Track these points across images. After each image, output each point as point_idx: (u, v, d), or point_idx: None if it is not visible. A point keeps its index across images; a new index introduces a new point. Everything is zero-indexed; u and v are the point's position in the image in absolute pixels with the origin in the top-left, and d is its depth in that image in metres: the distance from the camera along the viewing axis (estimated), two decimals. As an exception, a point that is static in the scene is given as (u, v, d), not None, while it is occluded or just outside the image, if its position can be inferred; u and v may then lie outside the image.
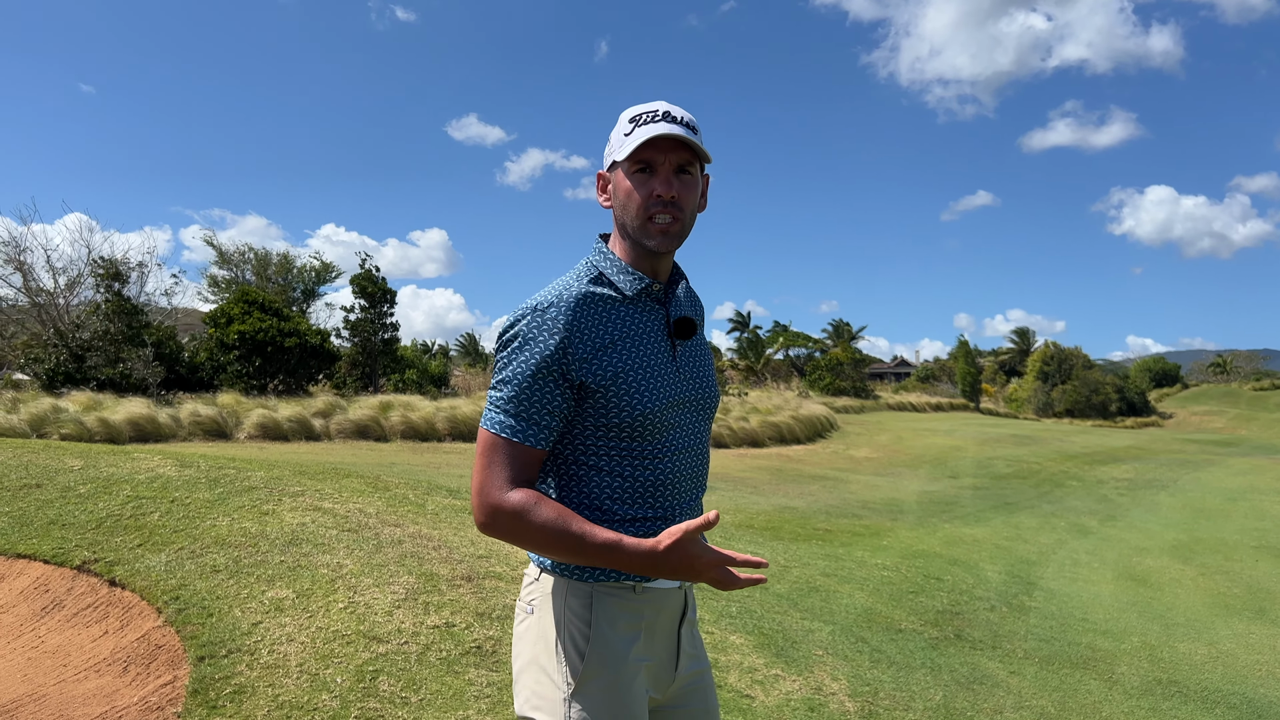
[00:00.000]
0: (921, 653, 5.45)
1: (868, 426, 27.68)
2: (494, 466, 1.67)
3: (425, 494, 7.73)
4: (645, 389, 1.74)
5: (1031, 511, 13.37)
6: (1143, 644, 6.46)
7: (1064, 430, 34.19)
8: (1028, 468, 19.31)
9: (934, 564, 8.46)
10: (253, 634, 4.11)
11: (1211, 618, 7.56)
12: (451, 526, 6.44)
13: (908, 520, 11.65)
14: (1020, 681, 5.21)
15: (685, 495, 1.83)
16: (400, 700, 3.58)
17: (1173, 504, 14.89)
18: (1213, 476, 18.76)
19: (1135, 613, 7.42)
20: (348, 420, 18.26)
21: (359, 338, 27.83)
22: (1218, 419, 58.30)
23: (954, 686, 4.90)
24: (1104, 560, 9.80)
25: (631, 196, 1.74)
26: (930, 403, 41.26)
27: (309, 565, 4.98)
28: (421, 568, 5.15)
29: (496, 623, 4.49)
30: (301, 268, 34.67)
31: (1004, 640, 6.07)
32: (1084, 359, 63.68)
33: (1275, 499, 15.56)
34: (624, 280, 1.78)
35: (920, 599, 6.86)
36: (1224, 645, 6.68)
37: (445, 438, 19.44)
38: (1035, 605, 7.23)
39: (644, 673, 1.77)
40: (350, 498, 6.81)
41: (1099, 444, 25.94)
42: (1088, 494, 15.85)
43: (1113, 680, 5.52)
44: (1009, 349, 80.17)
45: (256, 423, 16.60)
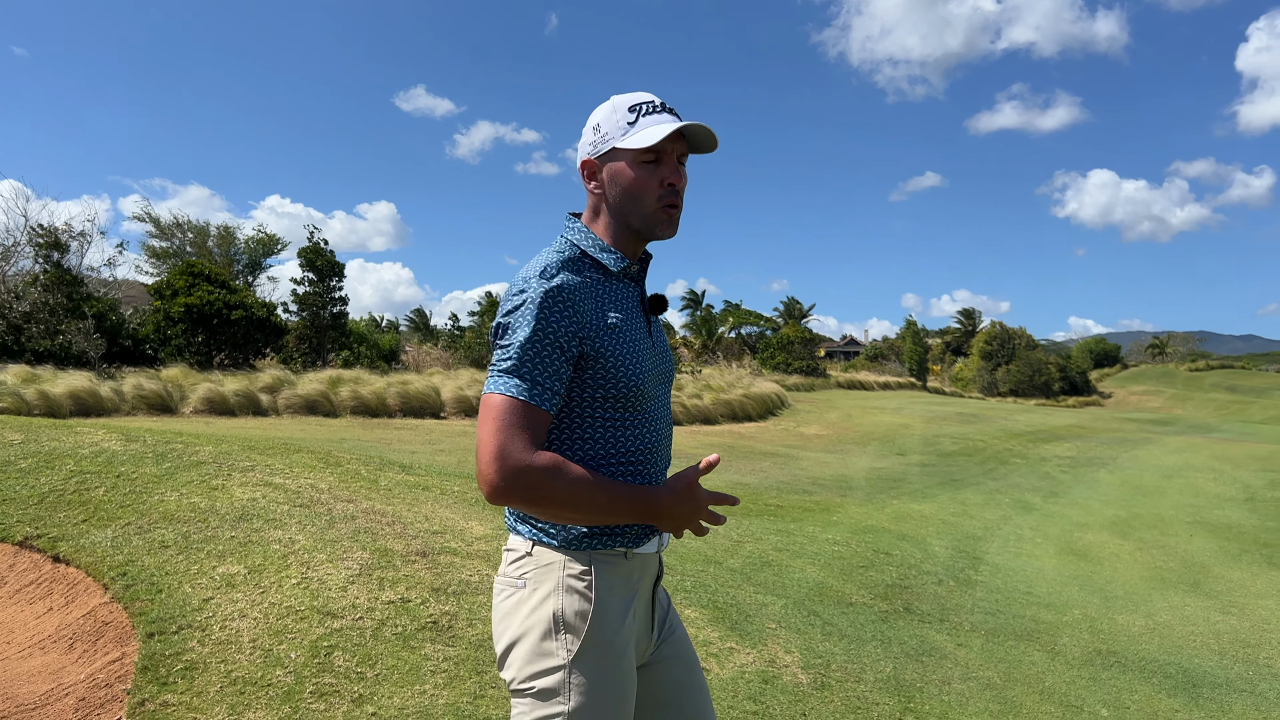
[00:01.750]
0: (872, 626, 5.55)
1: (818, 404, 27.96)
2: (513, 429, 1.66)
3: (378, 470, 7.67)
4: (633, 361, 1.82)
5: (977, 488, 13.63)
6: (1083, 616, 6.64)
7: (1008, 409, 34.84)
8: (973, 445, 19.65)
9: (883, 539, 8.60)
10: (204, 610, 4.06)
11: (1148, 591, 7.79)
12: (405, 502, 6.40)
13: (857, 496, 11.82)
14: (967, 653, 5.33)
15: (663, 463, 1.93)
16: (356, 675, 3.57)
17: (1112, 481, 15.28)
18: (1150, 455, 19.26)
19: (1076, 586, 7.62)
20: (296, 395, 18.01)
21: (307, 312, 27.42)
22: (1155, 399, 59.83)
23: (903, 658, 5.00)
24: (1046, 535, 10.04)
25: (644, 185, 1.81)
26: (879, 381, 41.77)
27: (260, 541, 4.92)
28: (375, 543, 5.12)
29: (452, 598, 4.48)
30: (246, 240, 33.99)
31: (951, 613, 6.20)
32: (1028, 339, 64.90)
33: (1209, 476, 16.03)
34: (607, 258, 1.85)
35: (870, 573, 6.98)
36: (1160, 617, 6.89)
37: (396, 413, 19.28)
38: (981, 579, 7.39)
39: (630, 636, 1.82)
40: (301, 473, 6.73)
41: (1042, 422, 26.47)
42: (1031, 471, 16.19)
43: (1055, 651, 5.67)
44: (955, 329, 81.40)
45: (202, 397, 16.31)
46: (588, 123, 1.90)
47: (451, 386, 21.27)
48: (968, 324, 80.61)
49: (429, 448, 13.27)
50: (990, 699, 4.62)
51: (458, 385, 21.57)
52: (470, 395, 20.65)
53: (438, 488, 7.36)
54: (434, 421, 18.97)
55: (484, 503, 7.08)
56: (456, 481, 7.98)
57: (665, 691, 1.95)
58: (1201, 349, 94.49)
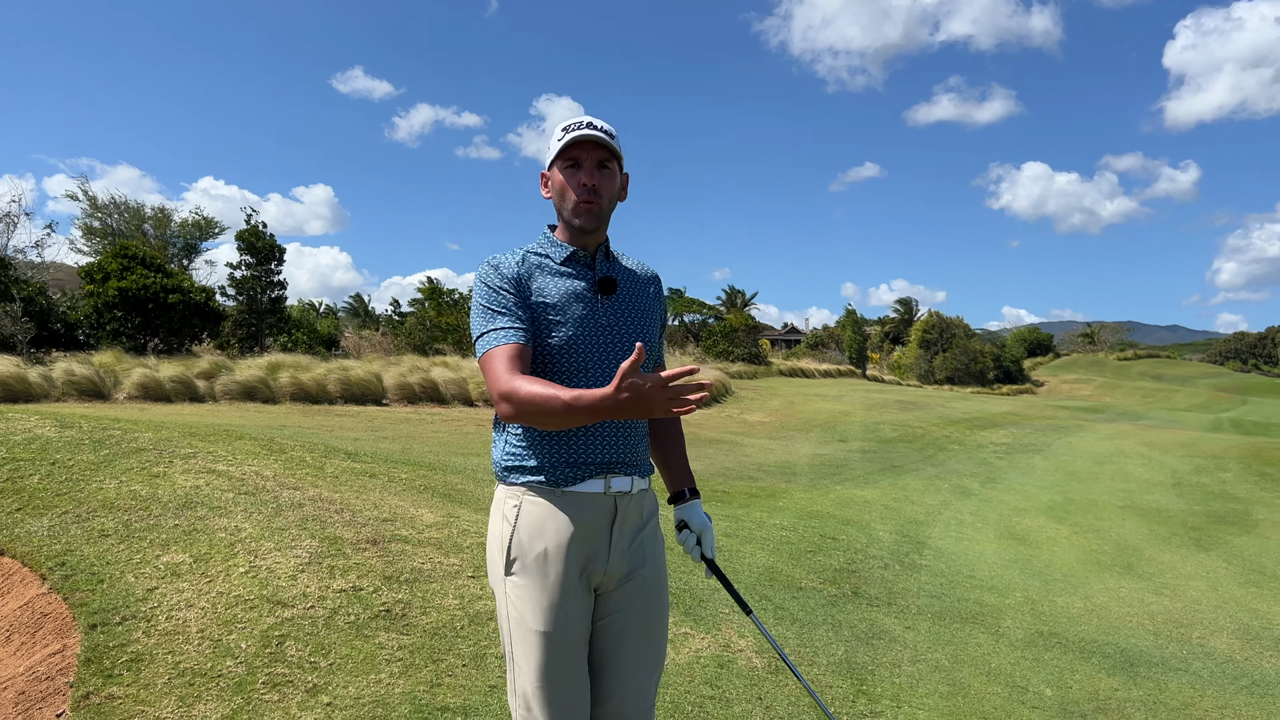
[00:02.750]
0: (822, 610, 5.62)
1: (761, 392, 28.19)
2: (497, 368, 2.08)
3: (323, 457, 7.55)
4: (567, 326, 2.19)
5: (917, 474, 13.87)
6: (1025, 599, 6.80)
7: (945, 396, 35.50)
8: (912, 432, 19.97)
9: (829, 524, 8.70)
10: (148, 600, 3.96)
11: (1085, 573, 8.00)
12: (353, 490, 6.31)
13: (801, 482, 11.94)
14: (915, 636, 5.42)
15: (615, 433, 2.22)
16: (309, 665, 3.50)
17: (1047, 467, 15.65)
18: (1082, 441, 19.76)
19: (1017, 569, 7.80)
20: (234, 381, 17.65)
21: (245, 296, 26.86)
22: (1086, 387, 61.45)
23: (854, 642, 5.07)
24: (986, 520, 10.25)
25: (565, 186, 2.23)
26: (820, 369, 42.25)
27: (205, 529, 4.81)
28: (324, 531, 5.03)
29: (405, 586, 4.43)
30: (182, 222, 33.15)
31: (898, 597, 6.30)
32: (964, 328, 66.12)
33: (1138, 462, 16.50)
34: (554, 251, 2.28)
35: (818, 558, 7.06)
36: (1097, 599, 7.08)
37: (337, 400, 18.99)
38: (925, 563, 7.52)
39: (569, 561, 2.13)
40: (245, 460, 6.59)
41: (978, 410, 27.00)
42: (969, 457, 16.51)
43: (999, 633, 5.80)
44: (893, 318, 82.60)
45: (137, 383, 15.89)
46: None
47: (394, 373, 21.01)
48: (905, 313, 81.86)
49: (373, 435, 13.11)
50: (939, 680, 4.70)
51: (400, 372, 21.32)
52: (413, 382, 20.42)
53: (385, 475, 7.27)
54: (376, 408, 18.73)
55: (433, 490, 7.01)
56: (404, 469, 7.88)
57: (604, 631, 2.23)
58: (1130, 339, 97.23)
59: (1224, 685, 5.39)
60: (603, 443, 2.20)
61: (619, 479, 2.22)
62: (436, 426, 16.11)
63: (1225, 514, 11.92)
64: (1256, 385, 62.95)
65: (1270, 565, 9.00)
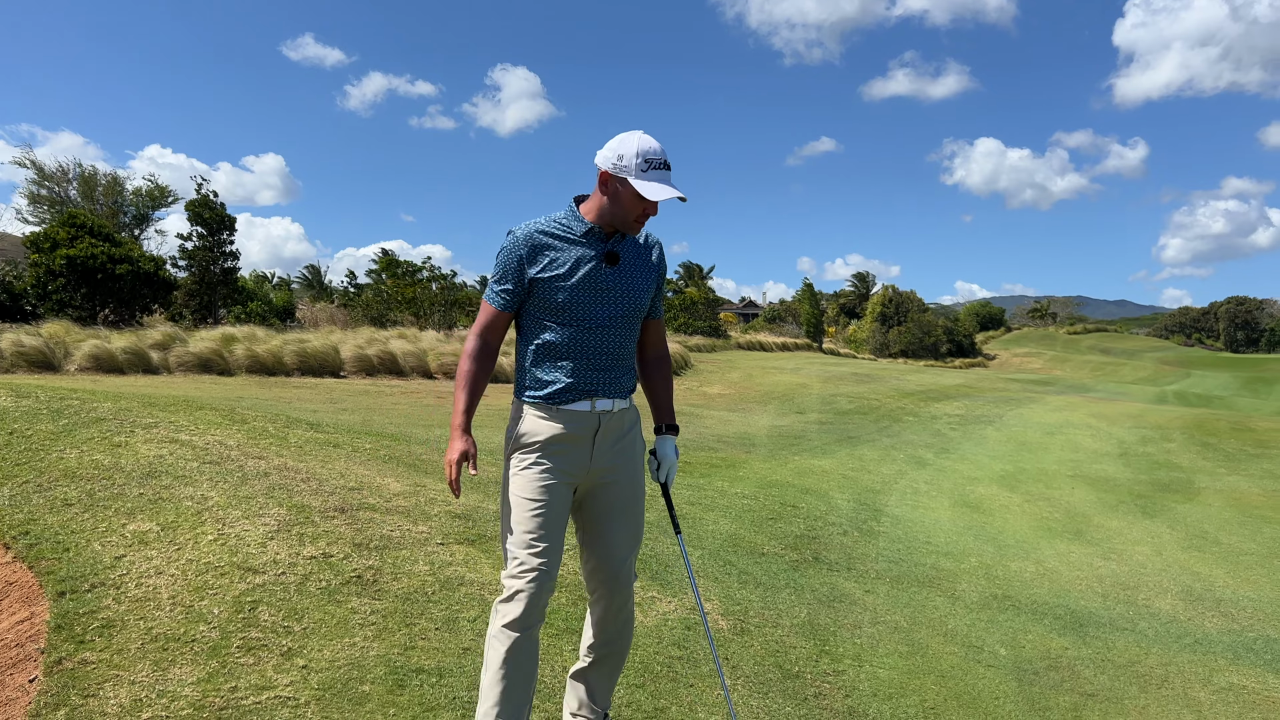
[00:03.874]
0: (784, 574, 5.74)
1: (720, 365, 28.35)
2: (480, 319, 2.88)
3: (285, 427, 7.50)
4: (572, 289, 2.79)
5: (873, 445, 14.09)
6: (979, 564, 6.98)
7: (900, 369, 35.94)
8: (868, 404, 20.24)
9: (788, 493, 8.84)
10: (116, 568, 3.95)
11: (1037, 539, 8.22)
12: (318, 459, 6.29)
13: (760, 453, 12.09)
14: (874, 599, 5.56)
15: (596, 366, 2.85)
16: (283, 630, 3.53)
17: (999, 438, 15.97)
18: (1033, 413, 20.16)
19: (971, 536, 8.00)
20: (188, 353, 17.39)
21: (196, 267, 26.40)
22: (1036, 360, 62.53)
23: (816, 605, 5.19)
24: (941, 489, 10.47)
25: (632, 205, 2.78)
26: (777, 342, 42.52)
27: (171, 498, 4.79)
28: (291, 500, 5.03)
29: (375, 553, 4.45)
30: (134, 191, 32.42)
31: (857, 562, 6.44)
32: (918, 303, 66.90)
33: (1087, 433, 16.90)
34: (576, 225, 2.85)
35: (779, 525, 7.18)
36: (1049, 563, 7.29)
37: (294, 372, 18.80)
38: (883, 530, 7.69)
39: (552, 456, 2.80)
40: (207, 430, 6.54)
41: (932, 382, 27.40)
42: (923, 429, 16.79)
43: (955, 596, 5.96)
44: (849, 292, 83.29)
45: (88, 354, 15.60)
46: (611, 144, 2.78)
47: (351, 345, 20.84)
48: (861, 287, 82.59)
49: (331, 406, 13.01)
50: (899, 641, 4.84)
51: (358, 344, 21.14)
52: (371, 354, 20.26)
53: (349, 445, 7.25)
54: (334, 380, 18.58)
55: (397, 460, 7.01)
56: (367, 439, 7.87)
57: (589, 515, 2.93)
58: (1079, 313, 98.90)
59: (1168, 644, 5.60)
60: (591, 376, 2.85)
61: (603, 401, 2.86)
62: (396, 399, 16.03)
63: (1169, 482, 12.28)
64: (1199, 359, 64.52)
65: (1211, 531, 9.31)
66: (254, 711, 2.96)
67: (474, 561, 4.65)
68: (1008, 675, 4.65)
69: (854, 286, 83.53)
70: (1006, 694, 4.39)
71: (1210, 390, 39.00)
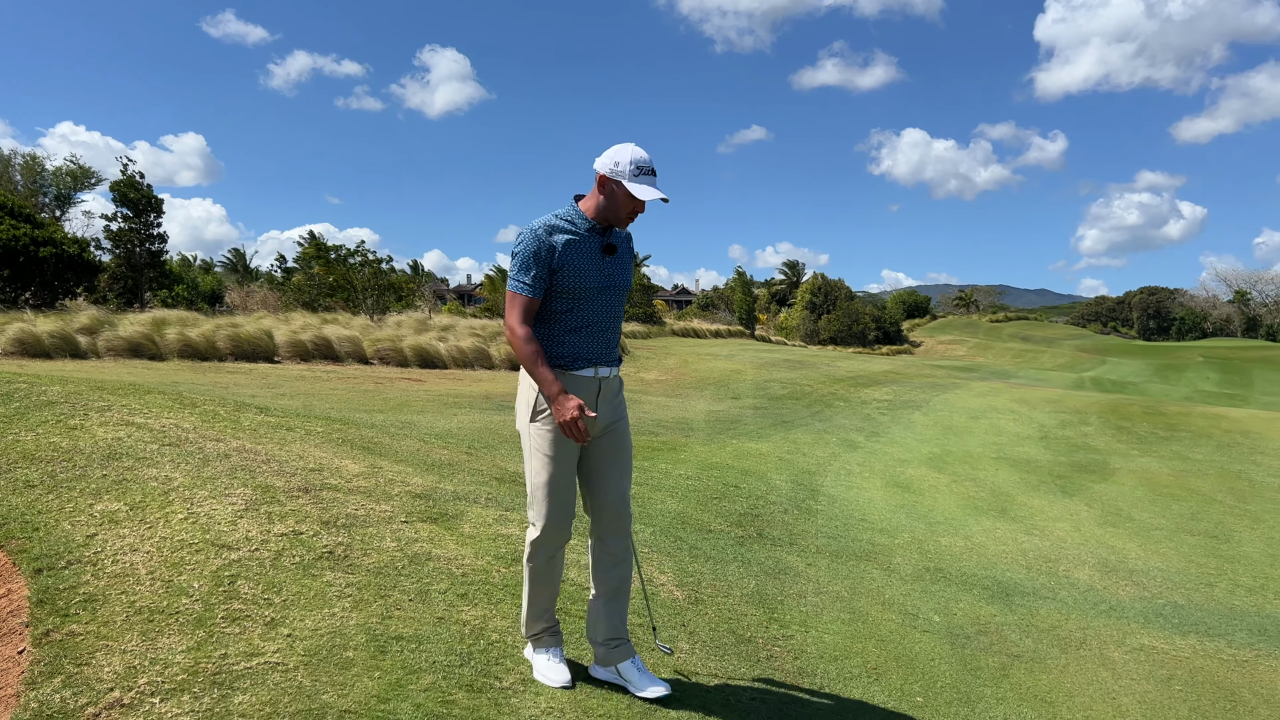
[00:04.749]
0: (731, 549, 6.01)
1: (655, 351, 28.65)
2: (514, 308, 3.31)
3: (236, 411, 7.54)
4: (581, 275, 3.34)
5: (806, 429, 14.49)
6: (912, 539, 7.36)
7: (830, 356, 36.68)
8: (800, 390, 20.70)
9: (729, 474, 9.14)
10: (90, 546, 4.03)
11: (964, 517, 8.65)
12: (274, 442, 6.38)
13: (699, 436, 12.38)
14: (816, 571, 5.87)
15: (603, 339, 3.43)
16: (264, 601, 3.67)
17: (926, 422, 16.52)
18: (958, 398, 20.84)
19: (903, 514, 8.39)
20: (118, 337, 17.08)
21: (122, 249, 25.76)
22: (960, 347, 64.20)
23: (763, 576, 5.48)
24: (873, 470, 10.88)
25: (625, 204, 3.32)
26: (711, 329, 43.01)
27: (136, 479, 4.86)
28: (255, 480, 5.14)
29: (343, 530, 4.60)
30: (55, 171, 31.42)
31: (799, 538, 6.76)
32: (847, 291, 68.08)
33: (1009, 417, 17.56)
34: (580, 221, 3.38)
35: (723, 504, 7.47)
36: (976, 539, 7.71)
37: (228, 357, 18.57)
38: (821, 509, 8.03)
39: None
40: (161, 413, 6.57)
41: (861, 368, 28.06)
42: (854, 413, 17.27)
43: (891, 569, 6.31)
44: (780, 280, 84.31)
45: (13, 338, 15.24)
46: (609, 153, 3.31)
47: (285, 330, 20.63)
48: (792, 275, 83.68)
49: (270, 392, 12.96)
50: (841, 609, 5.15)
51: (292, 329, 20.94)
52: (306, 340, 20.09)
53: (301, 428, 7.33)
54: (269, 366, 18.40)
55: (351, 443, 7.11)
56: (318, 423, 7.94)
57: (592, 460, 3.47)
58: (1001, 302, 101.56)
59: (1086, 610, 6.02)
60: (594, 348, 3.40)
61: (603, 369, 3.43)
62: (334, 384, 15.97)
63: (1086, 464, 12.90)
64: (1115, 346, 66.92)
65: (1125, 508, 9.87)
66: (246, 676, 3.11)
67: (438, 538, 4.82)
68: (941, 639, 4.98)
69: (785, 274, 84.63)
70: (941, 656, 4.72)
71: (1124, 376, 40.57)
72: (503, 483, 6.71)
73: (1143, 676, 4.93)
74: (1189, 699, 4.68)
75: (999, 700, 4.29)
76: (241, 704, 2.93)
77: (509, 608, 4.09)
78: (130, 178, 25.84)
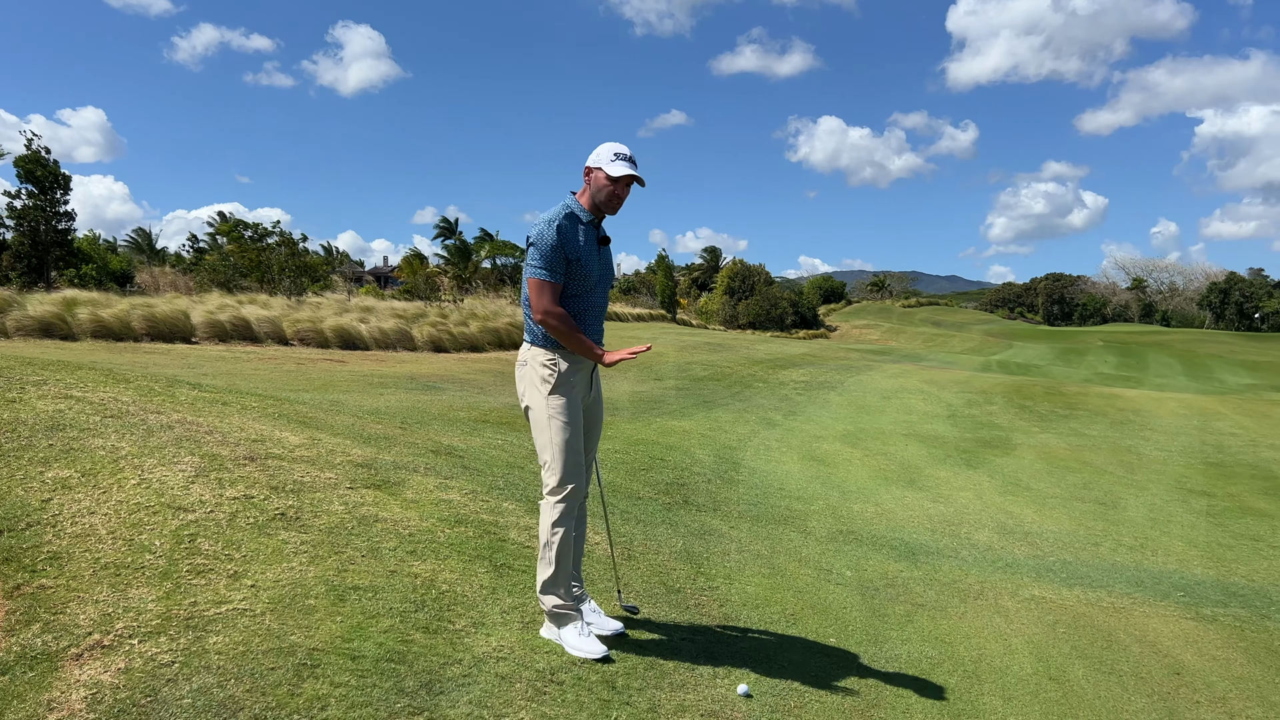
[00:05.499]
0: (660, 513, 6.37)
1: (577, 333, 28.90)
2: (545, 294, 3.62)
3: (170, 386, 7.61)
4: (588, 265, 3.71)
5: (727, 408, 14.96)
6: (826, 506, 7.82)
7: (749, 339, 37.39)
8: (721, 371, 21.21)
9: (654, 449, 9.51)
10: (46, 510, 4.17)
11: (875, 487, 9.17)
12: (213, 415, 6.50)
13: (624, 415, 12.72)
14: (739, 533, 6.27)
15: (595, 321, 3.83)
16: (225, 557, 3.88)
17: (841, 402, 17.16)
18: (871, 380, 21.60)
19: (819, 484, 8.86)
20: (28, 317, 16.68)
21: (25, 227, 24.94)
22: (873, 331, 65.82)
23: (690, 537, 5.85)
24: (790, 446, 11.37)
25: (605, 185, 3.68)
26: (633, 313, 43.40)
27: (83, 448, 4.98)
28: (201, 449, 5.29)
29: (292, 495, 4.81)
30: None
31: (722, 505, 7.15)
32: (765, 276, 69.11)
33: (919, 397, 18.32)
34: (582, 214, 3.72)
35: (651, 474, 7.83)
36: (886, 506, 8.21)
37: (143, 337, 18.26)
38: (742, 479, 8.45)
39: (579, 388, 3.76)
40: (97, 387, 6.63)
41: (779, 351, 28.77)
42: (772, 394, 17.82)
43: (807, 531, 6.74)
44: (701, 265, 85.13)
45: (-82, 317, 14.78)
46: (595, 151, 3.71)
47: (203, 310, 20.34)
48: (712, 260, 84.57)
49: (191, 372, 12.88)
50: (761, 565, 5.54)
51: (209, 310, 20.65)
52: (224, 320, 19.84)
53: (237, 403, 7.44)
54: (186, 346, 18.15)
55: (287, 417, 7.26)
56: (251, 399, 8.05)
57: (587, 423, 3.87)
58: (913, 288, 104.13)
59: (984, 566, 6.54)
60: (594, 328, 3.80)
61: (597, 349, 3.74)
62: (255, 364, 15.87)
63: (990, 440, 13.63)
64: (1020, 331, 69.41)
65: (1024, 479, 10.54)
66: (217, 620, 3.34)
67: (383, 503, 5.06)
68: (853, 591, 5.42)
69: (705, 259, 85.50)
70: (853, 605, 5.15)
71: (1029, 360, 42.24)
72: (438, 455, 6.95)
73: (1032, 622, 5.43)
74: (1071, 639, 5.19)
75: (904, 641, 4.73)
76: (216, 644, 3.17)
77: (456, 563, 4.37)
78: (36, 154, 24.98)
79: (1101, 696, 4.43)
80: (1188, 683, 4.77)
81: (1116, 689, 4.56)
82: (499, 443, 8.28)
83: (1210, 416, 17.44)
